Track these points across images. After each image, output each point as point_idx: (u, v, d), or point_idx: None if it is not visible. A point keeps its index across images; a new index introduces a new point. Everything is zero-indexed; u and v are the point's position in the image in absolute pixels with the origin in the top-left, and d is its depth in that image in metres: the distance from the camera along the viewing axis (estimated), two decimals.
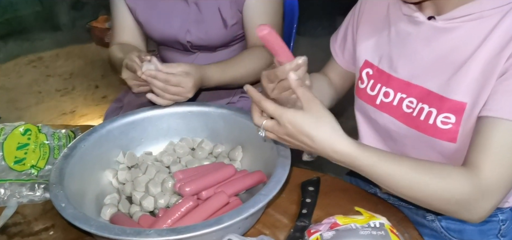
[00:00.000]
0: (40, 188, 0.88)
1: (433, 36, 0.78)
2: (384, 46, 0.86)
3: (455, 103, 0.74)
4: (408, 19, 0.82)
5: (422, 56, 0.80)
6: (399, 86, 0.83)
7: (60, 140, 0.96)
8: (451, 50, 0.76)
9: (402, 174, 0.69)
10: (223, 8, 1.13)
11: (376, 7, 0.89)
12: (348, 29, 0.97)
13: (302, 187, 0.87)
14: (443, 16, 0.76)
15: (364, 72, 0.89)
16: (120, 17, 1.22)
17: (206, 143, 0.95)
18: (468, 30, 0.74)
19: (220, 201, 0.77)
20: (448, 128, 0.75)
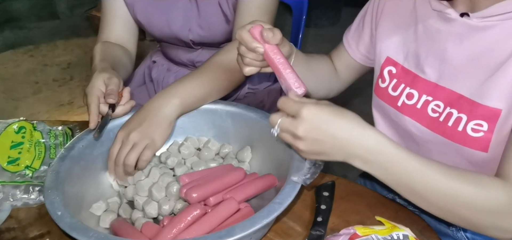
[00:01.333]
0: (35, 190, 0.82)
1: (466, 35, 0.71)
2: (410, 43, 0.80)
3: (489, 109, 0.68)
4: (438, 15, 0.75)
5: (453, 56, 0.73)
6: (425, 88, 0.76)
7: (57, 138, 0.90)
8: (486, 50, 0.69)
9: (430, 176, 0.60)
10: (223, 3, 1.06)
11: (400, 1, 0.83)
12: (365, 20, 0.91)
13: (316, 192, 0.81)
14: (478, 13, 0.70)
15: (386, 70, 0.82)
16: (113, 10, 1.11)
17: (212, 143, 0.89)
18: (506, 30, 0.68)
19: (230, 209, 0.71)
20: (480, 136, 0.69)
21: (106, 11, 1.12)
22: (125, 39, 1.13)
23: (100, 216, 0.75)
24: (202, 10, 1.07)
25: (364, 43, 0.92)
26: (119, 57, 1.06)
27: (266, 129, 0.83)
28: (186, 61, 1.20)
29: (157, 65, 1.28)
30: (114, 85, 0.84)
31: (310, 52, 1.02)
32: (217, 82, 0.89)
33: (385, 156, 0.61)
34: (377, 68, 0.86)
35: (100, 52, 1.02)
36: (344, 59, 0.97)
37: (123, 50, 1.11)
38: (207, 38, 1.10)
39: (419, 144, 0.80)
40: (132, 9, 1.10)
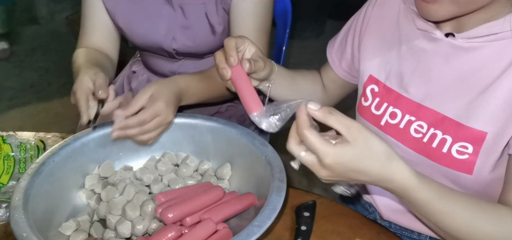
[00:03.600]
0: (2, 207, 0.78)
1: (452, 55, 0.71)
2: (393, 61, 0.79)
3: (474, 131, 0.67)
4: (423, 35, 0.74)
5: (438, 76, 0.72)
6: (408, 108, 0.75)
7: (27, 152, 0.87)
8: (472, 72, 0.69)
9: (457, 213, 0.59)
10: (210, 12, 1.03)
11: (384, 18, 0.82)
12: (348, 36, 0.90)
13: (297, 212, 0.79)
14: (463, 34, 0.69)
15: (368, 89, 0.81)
16: (93, 15, 1.07)
17: (191, 159, 0.86)
18: (492, 51, 0.67)
19: (207, 230, 0.69)
20: (465, 158, 0.68)
21: (86, 18, 1.08)
22: (106, 46, 1.09)
23: (70, 236, 0.72)
24: (187, 19, 1.04)
25: (346, 60, 0.91)
26: (100, 60, 1.03)
27: (247, 146, 0.81)
28: (167, 72, 1.17)
29: (137, 76, 1.24)
30: (102, 80, 0.83)
31: (293, 64, 1.01)
32: (219, 92, 0.94)
33: (410, 198, 0.58)
34: (360, 87, 0.85)
35: (83, 55, 1.00)
36: (330, 74, 0.96)
37: (104, 56, 1.07)
38: (192, 48, 1.07)
39: None
40: (114, 15, 1.07)
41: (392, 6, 0.81)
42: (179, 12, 1.04)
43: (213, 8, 1.03)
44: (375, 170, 0.56)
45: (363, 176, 0.57)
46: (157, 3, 1.04)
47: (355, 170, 0.56)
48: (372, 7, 0.85)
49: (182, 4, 1.03)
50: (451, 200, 0.59)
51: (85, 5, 1.08)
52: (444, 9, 0.65)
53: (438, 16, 0.67)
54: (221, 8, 1.03)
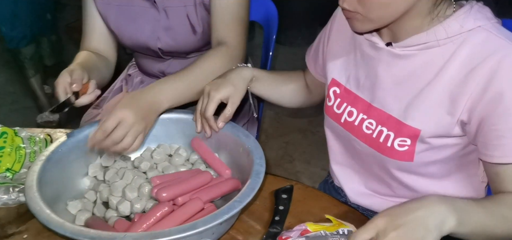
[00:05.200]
0: (14, 191, 0.88)
1: (392, 62, 0.81)
2: (351, 66, 0.89)
3: (411, 129, 0.78)
4: (370, 44, 0.85)
5: (382, 81, 0.83)
6: (362, 107, 0.86)
7: (36, 145, 0.97)
8: (408, 76, 0.79)
9: (493, 226, 0.68)
10: (190, 13, 1.14)
11: (344, 28, 0.92)
12: (320, 44, 1.01)
13: (276, 194, 0.90)
14: (399, 43, 0.79)
15: (331, 90, 0.92)
16: (90, 22, 1.20)
17: (183, 149, 0.97)
18: (424, 58, 0.77)
19: (195, 207, 0.79)
20: (405, 150, 0.80)
21: (85, 23, 1.21)
22: (103, 48, 1.21)
23: (76, 214, 0.82)
24: (170, 20, 1.15)
25: (319, 65, 1.02)
26: (92, 61, 1.13)
27: (232, 138, 0.92)
28: (157, 71, 1.28)
29: (132, 78, 1.35)
30: (77, 75, 0.93)
31: (285, 69, 1.12)
32: (200, 85, 0.98)
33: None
34: (326, 89, 0.95)
35: (78, 57, 1.12)
36: (310, 75, 1.07)
37: (99, 57, 1.18)
38: (175, 47, 1.18)
39: (361, 158, 0.90)
40: (106, 19, 1.18)
41: None
42: (163, 14, 1.15)
43: (193, 10, 1.13)
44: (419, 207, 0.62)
45: (418, 210, 0.62)
46: (143, 6, 1.15)
47: (404, 210, 0.62)
48: (334, 19, 0.96)
49: (165, 6, 1.14)
50: (485, 214, 0.67)
51: (84, 12, 1.20)
52: (363, 24, 0.76)
53: (360, 29, 0.77)
54: (200, 9, 1.13)
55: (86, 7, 1.19)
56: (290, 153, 2.40)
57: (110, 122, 0.85)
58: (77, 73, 0.94)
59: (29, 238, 0.81)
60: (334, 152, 0.97)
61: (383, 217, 0.62)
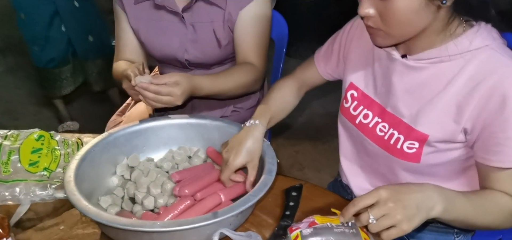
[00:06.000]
0: (51, 188, 0.98)
1: (405, 72, 0.90)
2: (370, 74, 0.98)
3: (420, 133, 0.87)
4: (387, 55, 0.94)
5: (396, 88, 0.91)
6: (377, 111, 0.95)
7: (70, 147, 1.07)
8: (420, 86, 0.88)
9: (472, 207, 0.79)
10: (217, 29, 1.25)
11: (364, 39, 1.01)
12: (334, 47, 1.09)
13: (286, 192, 0.98)
14: (413, 56, 0.88)
15: (349, 93, 1.01)
16: (124, 36, 1.32)
17: (201, 152, 1.06)
18: (435, 71, 0.86)
19: (214, 201, 0.88)
20: (413, 152, 0.88)
21: (119, 37, 1.34)
22: (135, 59, 1.33)
23: (107, 208, 0.91)
24: (197, 34, 1.26)
25: (332, 65, 1.11)
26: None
27: None
28: None
29: None
30: (145, 67, 1.08)
31: None
32: (230, 90, 1.19)
33: (455, 203, 0.77)
34: (343, 91, 1.04)
35: (122, 63, 1.25)
36: (312, 73, 1.16)
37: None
38: (201, 59, 1.29)
39: (370, 157, 0.98)
40: (137, 33, 1.30)
41: None
42: (191, 29, 1.26)
43: (220, 26, 1.24)
44: (430, 186, 0.75)
45: (421, 191, 0.73)
46: (172, 21, 1.27)
47: (412, 187, 0.73)
48: (356, 27, 1.04)
49: (193, 22, 1.25)
50: (472, 203, 0.78)
51: (117, 28, 1.33)
52: (384, 39, 0.85)
53: (382, 44, 0.87)
54: (227, 27, 1.25)
55: (119, 23, 1.31)
56: (300, 161, 2.48)
57: (165, 91, 1.01)
58: (143, 66, 1.07)
59: (66, 229, 0.90)
60: (344, 148, 1.06)
61: (386, 190, 0.73)
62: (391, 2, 0.77)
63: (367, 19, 0.83)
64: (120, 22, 1.31)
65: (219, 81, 1.16)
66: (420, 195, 0.73)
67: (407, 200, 0.72)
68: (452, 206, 0.75)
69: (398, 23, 0.79)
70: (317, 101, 2.98)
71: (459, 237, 1.00)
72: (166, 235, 0.76)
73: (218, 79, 1.16)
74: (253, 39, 1.25)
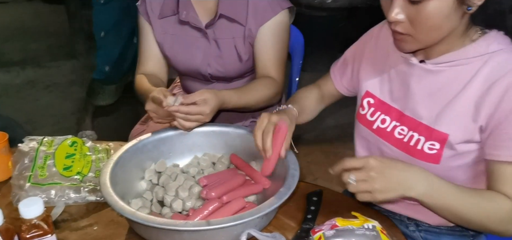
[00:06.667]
0: (84, 191, 1.03)
1: (424, 76, 0.95)
2: (385, 81, 1.03)
3: (440, 133, 0.91)
4: (405, 61, 0.99)
5: (415, 92, 0.96)
6: (395, 116, 0.99)
7: (100, 153, 1.12)
8: (438, 89, 0.93)
9: (464, 204, 0.84)
10: (238, 45, 1.31)
11: (378, 49, 1.07)
12: (348, 61, 1.15)
13: (307, 197, 1.03)
14: (431, 60, 0.93)
15: (365, 101, 1.06)
16: (148, 48, 1.37)
17: (225, 158, 1.11)
18: (453, 74, 0.91)
19: (239, 204, 0.93)
20: (433, 153, 0.92)
21: (143, 49, 1.39)
22: (158, 71, 1.39)
23: (137, 210, 0.96)
24: (220, 50, 1.32)
25: (346, 77, 1.16)
26: (158, 83, 1.31)
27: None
28: None
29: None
30: (169, 94, 1.09)
31: None
32: (252, 104, 1.24)
33: (440, 188, 0.83)
34: (359, 99, 1.09)
35: (145, 81, 1.28)
36: (329, 87, 1.21)
37: (158, 79, 1.37)
38: (223, 72, 1.35)
39: None
40: (162, 47, 1.36)
41: (383, 41, 1.07)
42: (213, 44, 1.32)
43: (241, 41, 1.30)
44: (414, 166, 0.83)
45: (405, 167, 0.82)
46: (195, 36, 1.33)
47: (397, 163, 0.82)
48: (370, 40, 1.10)
49: (216, 38, 1.31)
50: (460, 192, 0.84)
51: (141, 40, 1.39)
52: (411, 45, 0.90)
53: (407, 49, 0.92)
54: (247, 42, 1.30)
55: (144, 35, 1.37)
56: (313, 172, 2.52)
57: (195, 111, 1.04)
58: (168, 93, 1.08)
59: (99, 229, 0.95)
60: (360, 156, 1.10)
61: (375, 160, 0.82)
62: (423, 7, 0.81)
63: (396, 24, 0.87)
64: (145, 34, 1.37)
65: (244, 95, 1.21)
66: (403, 173, 0.81)
67: (389, 175, 0.80)
68: (436, 192, 0.81)
69: (429, 27, 0.85)
70: (329, 115, 3.03)
71: (475, 239, 1.03)
72: (197, 234, 0.81)
73: (244, 94, 1.21)
74: (272, 53, 1.30)
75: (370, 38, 1.11)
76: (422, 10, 0.82)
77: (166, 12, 1.34)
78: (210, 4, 1.30)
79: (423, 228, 1.04)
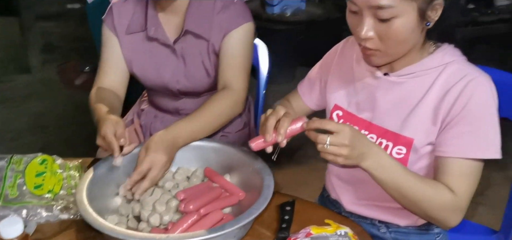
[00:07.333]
0: (56, 209, 1.02)
1: (388, 88, 1.03)
2: (352, 94, 1.10)
3: (406, 138, 0.99)
4: (370, 75, 1.06)
5: (381, 103, 1.04)
6: (363, 125, 1.06)
7: (71, 170, 1.11)
8: (402, 98, 1.01)
9: (410, 180, 0.92)
10: (205, 60, 1.33)
11: (344, 64, 1.14)
12: (315, 78, 1.22)
13: (281, 207, 1.06)
14: (394, 73, 1.02)
15: (334, 113, 1.12)
16: (111, 60, 1.34)
17: (199, 171, 1.13)
18: (414, 84, 1.00)
19: (217, 216, 0.95)
20: (401, 157, 0.99)
21: (105, 60, 1.35)
22: (117, 86, 1.35)
23: None
24: (188, 66, 1.34)
25: (315, 94, 1.22)
26: (113, 103, 1.28)
27: (242, 160, 1.09)
28: (171, 108, 1.45)
29: (145, 113, 1.51)
30: (122, 128, 1.07)
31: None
32: (211, 127, 1.17)
33: (391, 164, 0.93)
34: (328, 113, 1.15)
35: (98, 98, 1.24)
36: (299, 103, 1.26)
37: (115, 96, 1.32)
38: (191, 88, 1.36)
39: (358, 169, 1.07)
40: (130, 64, 1.35)
41: (347, 57, 1.14)
42: (181, 60, 1.33)
43: (207, 57, 1.32)
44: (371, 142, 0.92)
45: (367, 142, 0.90)
46: (164, 54, 1.34)
47: (362, 136, 0.90)
48: (335, 57, 1.17)
49: (184, 54, 1.33)
50: (409, 171, 0.94)
51: (105, 50, 1.35)
52: (381, 59, 0.97)
53: (376, 63, 0.99)
54: (213, 56, 1.32)
55: (108, 46, 1.34)
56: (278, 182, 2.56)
57: (145, 165, 1.02)
58: (121, 127, 1.06)
59: None
60: (334, 166, 1.15)
61: (351, 130, 0.88)
62: (392, 24, 0.90)
63: (366, 41, 0.94)
64: (110, 45, 1.34)
65: (196, 118, 1.16)
66: (366, 149, 0.90)
67: (357, 147, 0.88)
68: (382, 167, 0.91)
69: (397, 42, 0.93)
70: None
71: (439, 237, 1.11)
72: None
73: (197, 120, 1.16)
74: (232, 61, 1.28)
75: (334, 54, 1.17)
76: (391, 26, 0.90)
77: (134, 28, 1.33)
78: (177, 20, 1.32)
79: (393, 230, 1.10)
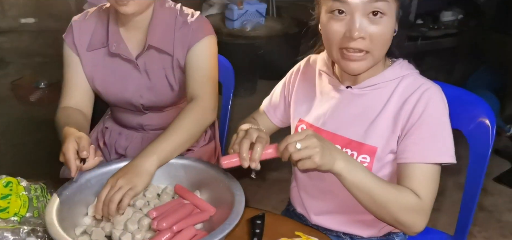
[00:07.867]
0: (23, 233, 0.98)
1: (351, 100, 1.09)
2: (315, 108, 1.15)
3: (370, 147, 1.05)
4: (333, 87, 1.12)
5: (344, 115, 1.10)
6: (327, 137, 1.10)
7: (36, 191, 1.08)
8: (364, 109, 1.07)
9: (377, 183, 0.96)
10: (169, 74, 1.34)
11: (307, 80, 1.19)
12: (279, 95, 1.27)
13: (251, 220, 1.09)
14: (357, 85, 1.08)
15: (299, 127, 1.17)
16: (74, 80, 1.34)
17: (169, 189, 1.13)
18: (375, 95, 1.07)
19: (191, 233, 0.96)
20: (365, 165, 1.04)
21: (68, 81, 1.34)
22: (83, 105, 1.35)
23: None
24: (151, 80, 1.34)
25: (280, 111, 1.26)
26: (80, 122, 1.27)
27: (212, 176, 1.11)
28: (136, 124, 1.44)
29: (109, 131, 1.50)
30: (86, 142, 1.07)
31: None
32: (184, 140, 1.17)
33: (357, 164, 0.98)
34: (292, 128, 1.19)
35: (65, 119, 1.24)
36: (265, 121, 1.31)
37: (82, 115, 1.32)
38: (155, 102, 1.37)
39: (325, 180, 1.12)
40: (92, 80, 1.34)
41: (309, 73, 1.20)
42: (145, 75, 1.34)
43: (171, 71, 1.33)
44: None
45: (332, 147, 0.94)
46: (127, 69, 1.34)
47: (325, 140, 0.94)
48: (298, 74, 1.22)
49: (147, 69, 1.33)
50: (376, 176, 0.98)
51: (68, 71, 1.34)
52: (367, 62, 1.01)
53: (362, 69, 1.03)
54: (177, 70, 1.33)
55: (70, 66, 1.33)
56: None
57: (103, 191, 1.01)
58: (84, 140, 1.06)
59: None
60: (301, 181, 1.19)
61: (315, 133, 0.92)
62: (382, 26, 0.97)
63: (358, 42, 0.98)
64: (72, 66, 1.33)
65: (167, 140, 1.14)
66: (336, 151, 0.95)
67: (327, 147, 0.92)
68: (354, 170, 0.95)
69: (383, 42, 1.00)
70: None
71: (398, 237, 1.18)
72: None
73: (166, 140, 1.14)
74: (198, 73, 1.29)
75: (297, 72, 1.23)
76: (379, 25, 0.97)
77: (95, 44, 1.33)
78: (139, 35, 1.32)
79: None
